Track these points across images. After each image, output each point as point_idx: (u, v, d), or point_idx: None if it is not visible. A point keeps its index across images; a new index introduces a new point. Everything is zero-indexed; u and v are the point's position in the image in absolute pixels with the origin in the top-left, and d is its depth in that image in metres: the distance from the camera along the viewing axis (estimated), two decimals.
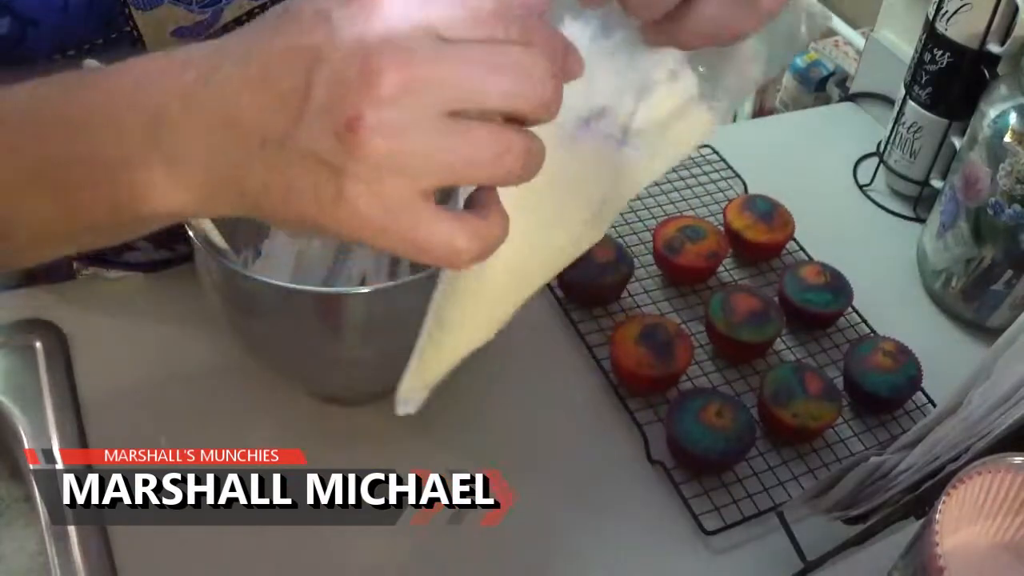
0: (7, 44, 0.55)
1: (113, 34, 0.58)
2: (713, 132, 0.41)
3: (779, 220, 0.78)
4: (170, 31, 0.60)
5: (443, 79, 0.30)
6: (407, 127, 0.30)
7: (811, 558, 0.57)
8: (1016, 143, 0.68)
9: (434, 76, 0.30)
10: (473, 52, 0.31)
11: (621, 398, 0.67)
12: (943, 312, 0.79)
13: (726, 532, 0.60)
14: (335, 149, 0.30)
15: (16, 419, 0.62)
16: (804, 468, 0.65)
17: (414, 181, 0.31)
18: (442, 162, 0.31)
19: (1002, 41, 0.75)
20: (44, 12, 0.55)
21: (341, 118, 0.30)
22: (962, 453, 0.49)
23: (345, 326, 0.56)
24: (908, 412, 0.69)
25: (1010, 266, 0.72)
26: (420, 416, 0.65)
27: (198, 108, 0.32)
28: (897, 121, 0.86)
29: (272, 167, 0.32)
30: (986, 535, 0.48)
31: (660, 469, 0.63)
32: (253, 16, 0.63)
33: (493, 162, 0.31)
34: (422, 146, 0.30)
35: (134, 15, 0.58)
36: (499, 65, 0.31)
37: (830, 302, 0.73)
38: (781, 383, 0.65)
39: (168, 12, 0.59)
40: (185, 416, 0.63)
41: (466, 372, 0.53)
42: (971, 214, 0.73)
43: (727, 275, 0.79)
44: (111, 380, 0.65)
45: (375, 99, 0.30)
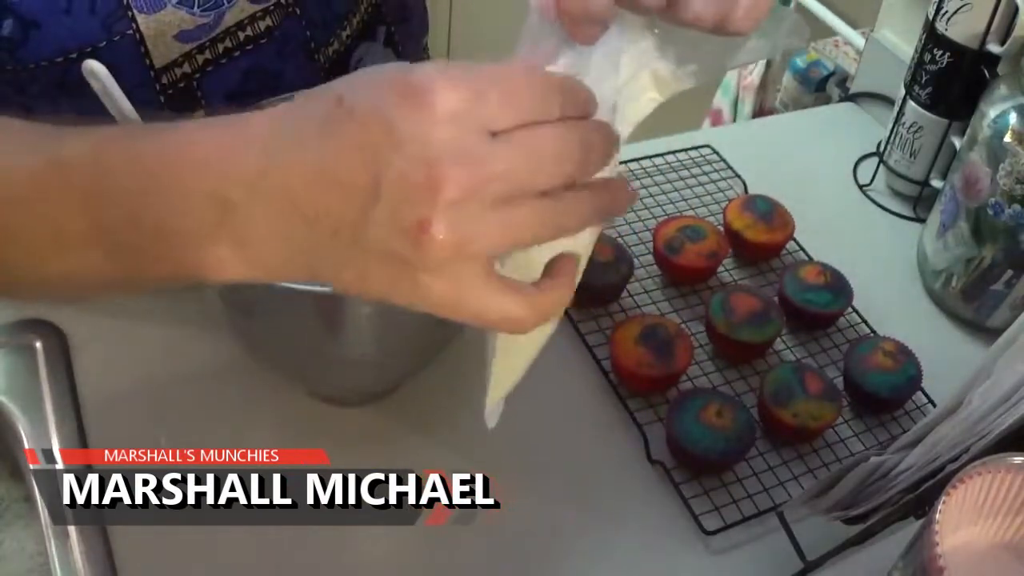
0: (9, 45, 0.55)
1: (116, 37, 0.58)
2: (669, 92, 0.42)
3: (779, 220, 0.78)
4: (172, 35, 0.60)
5: (497, 176, 0.33)
6: (470, 222, 0.33)
7: (811, 558, 0.57)
8: (1016, 143, 0.68)
9: (490, 175, 0.33)
10: (519, 145, 0.34)
11: (621, 398, 0.67)
12: (943, 312, 0.79)
13: (726, 532, 0.60)
14: (406, 247, 0.33)
15: (16, 419, 0.62)
16: (804, 468, 0.65)
17: (478, 263, 0.35)
18: (501, 242, 0.34)
19: (1002, 41, 0.75)
20: (47, 14, 0.55)
21: (411, 220, 0.33)
22: (962, 453, 0.49)
23: (345, 326, 0.56)
24: (908, 412, 0.69)
25: (1010, 266, 0.72)
26: (420, 416, 0.65)
27: (265, 196, 0.34)
28: (897, 121, 0.86)
29: (345, 256, 0.35)
30: (986, 535, 0.48)
31: (660, 469, 0.63)
32: (255, 22, 0.63)
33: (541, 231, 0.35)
34: (484, 234, 0.34)
35: (137, 18, 0.58)
36: (542, 151, 0.34)
37: (830, 302, 0.73)
38: (781, 383, 0.65)
39: (171, 15, 0.59)
40: (185, 416, 0.63)
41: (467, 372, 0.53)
42: (971, 214, 0.73)
43: (727, 275, 0.79)
44: (111, 380, 0.65)
45: (441, 204, 0.32)
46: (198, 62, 0.63)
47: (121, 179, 0.36)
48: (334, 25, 0.69)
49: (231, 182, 0.34)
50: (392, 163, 0.32)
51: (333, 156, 0.33)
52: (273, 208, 0.34)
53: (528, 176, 0.34)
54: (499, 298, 0.35)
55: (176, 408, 0.64)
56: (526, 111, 0.34)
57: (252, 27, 0.64)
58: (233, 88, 0.66)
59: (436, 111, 0.32)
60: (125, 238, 0.37)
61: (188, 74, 0.63)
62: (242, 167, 0.34)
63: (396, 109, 0.33)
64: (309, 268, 0.36)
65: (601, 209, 0.37)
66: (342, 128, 0.33)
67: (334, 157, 0.33)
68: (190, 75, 0.63)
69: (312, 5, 0.66)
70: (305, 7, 0.66)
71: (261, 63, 0.66)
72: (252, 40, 0.64)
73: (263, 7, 0.63)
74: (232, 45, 0.63)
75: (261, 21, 0.64)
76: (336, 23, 0.69)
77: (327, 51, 0.70)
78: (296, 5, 0.65)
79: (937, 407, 0.55)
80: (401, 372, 0.64)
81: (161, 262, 0.37)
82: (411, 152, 0.32)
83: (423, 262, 0.33)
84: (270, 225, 0.34)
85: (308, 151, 0.33)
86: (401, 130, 0.32)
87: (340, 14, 0.70)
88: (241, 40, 0.64)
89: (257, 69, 0.66)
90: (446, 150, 0.32)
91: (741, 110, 1.50)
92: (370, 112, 0.33)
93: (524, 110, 0.34)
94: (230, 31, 0.62)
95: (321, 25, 0.68)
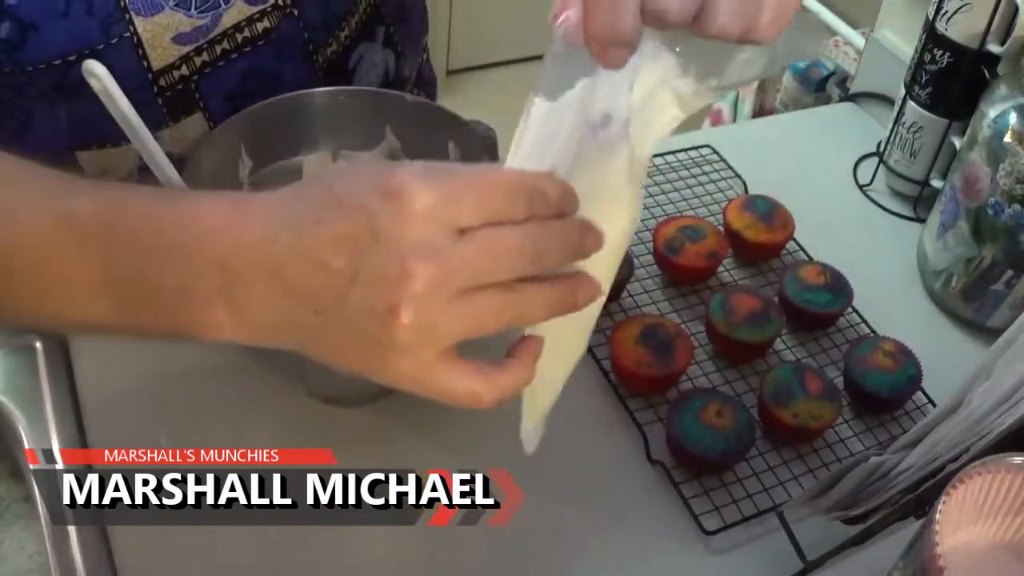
0: (7, 48, 0.55)
1: (113, 39, 0.58)
2: (691, 110, 0.43)
3: (779, 220, 0.78)
4: (170, 37, 0.60)
5: (459, 270, 0.37)
6: (434, 311, 0.37)
7: (811, 558, 0.57)
8: (1016, 143, 0.68)
9: (453, 269, 0.37)
10: (480, 243, 0.37)
11: (621, 398, 0.67)
12: (943, 312, 0.79)
13: (726, 532, 0.60)
14: (378, 328, 0.37)
15: (16, 419, 0.62)
16: (804, 468, 0.65)
17: (442, 344, 0.38)
18: (463, 328, 0.38)
19: (1002, 41, 0.75)
20: (44, 16, 0.55)
21: (383, 305, 0.36)
22: (962, 453, 0.49)
23: None
24: (908, 412, 0.69)
25: (1010, 266, 0.72)
26: (420, 416, 0.65)
27: (261, 270, 0.38)
28: (897, 121, 0.86)
29: (325, 332, 0.39)
30: (986, 535, 0.48)
31: (660, 469, 0.63)
32: (252, 23, 0.63)
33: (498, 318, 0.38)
34: (447, 321, 0.37)
35: (134, 20, 0.58)
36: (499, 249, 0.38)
37: (830, 302, 0.73)
38: (781, 383, 0.65)
39: (168, 18, 0.59)
40: (185, 416, 0.63)
41: None
42: (971, 214, 0.73)
43: (727, 275, 0.79)
44: (111, 380, 0.65)
45: (409, 293, 0.36)
46: (196, 64, 0.63)
47: (136, 239, 0.39)
48: (332, 26, 0.69)
49: (236, 252, 0.38)
50: (371, 253, 0.36)
51: (321, 242, 0.37)
52: (267, 282, 0.38)
53: (486, 271, 0.38)
54: (461, 377, 0.39)
55: (176, 408, 0.64)
56: (492, 212, 0.38)
57: (250, 29, 0.64)
58: (231, 90, 0.66)
59: (412, 210, 0.36)
60: (133, 292, 0.40)
61: (186, 76, 0.63)
62: (247, 240, 0.38)
63: (378, 206, 0.36)
64: (295, 337, 0.40)
65: (558, 303, 0.40)
66: (330, 216, 0.37)
67: (322, 243, 0.37)
68: (188, 77, 0.63)
69: (310, 6, 0.66)
70: (303, 8, 0.66)
71: (259, 65, 0.66)
72: (250, 42, 0.64)
73: (260, 9, 0.63)
74: (230, 47, 0.63)
75: (259, 23, 0.64)
76: (334, 24, 0.69)
77: (325, 52, 0.69)
78: (294, 6, 0.65)
79: (937, 407, 0.55)
80: None
81: (164, 317, 0.40)
82: (387, 246, 0.36)
83: (392, 343, 0.37)
84: (263, 297, 0.38)
85: (302, 235, 0.37)
86: (381, 225, 0.36)
87: (338, 15, 0.69)
88: (239, 42, 0.64)
89: (255, 71, 0.66)
90: (417, 246, 0.36)
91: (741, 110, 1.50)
92: (356, 207, 0.37)
93: (490, 211, 0.38)
94: (228, 33, 0.63)
95: (319, 26, 0.68)
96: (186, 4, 0.59)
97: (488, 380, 0.40)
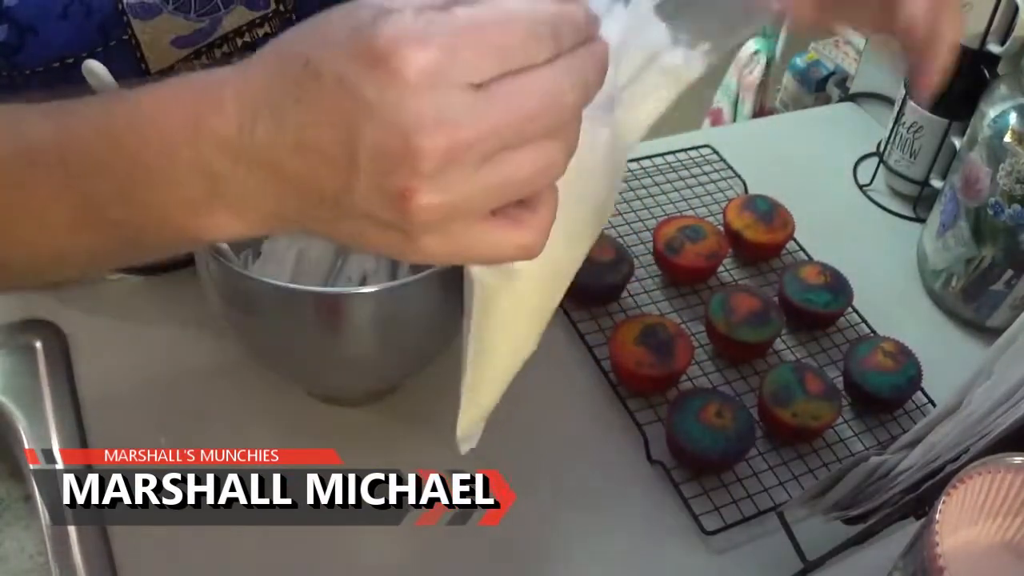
0: (6, 51, 0.55)
1: (112, 42, 0.58)
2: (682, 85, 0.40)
3: (779, 220, 0.78)
4: (169, 40, 0.60)
5: (480, 138, 0.31)
6: (458, 185, 0.32)
7: (811, 558, 0.57)
8: (1016, 143, 0.68)
9: (473, 138, 0.31)
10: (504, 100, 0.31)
11: (621, 398, 0.67)
12: (943, 312, 0.79)
13: (726, 532, 0.60)
14: (394, 214, 0.32)
15: (16, 419, 0.62)
16: (804, 468, 0.65)
17: (471, 217, 0.33)
18: (492, 196, 0.33)
19: (1002, 41, 0.75)
20: (43, 20, 0.55)
21: (393, 189, 0.31)
22: (962, 453, 0.49)
23: (345, 326, 0.56)
24: (908, 412, 0.69)
25: (1010, 266, 0.72)
26: (420, 416, 0.65)
27: (249, 164, 0.33)
28: (897, 121, 0.86)
29: (336, 220, 0.34)
30: (986, 535, 0.48)
31: (660, 469, 0.63)
32: (253, 28, 0.63)
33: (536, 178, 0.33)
34: (472, 193, 0.32)
35: (133, 24, 0.58)
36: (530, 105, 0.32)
37: (830, 302, 0.73)
38: (781, 383, 0.65)
39: (167, 22, 0.59)
40: (185, 416, 0.63)
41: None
42: (971, 214, 0.73)
43: (727, 275, 0.79)
44: (111, 380, 0.65)
45: (422, 173, 0.31)
46: (195, 68, 0.63)
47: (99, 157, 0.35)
48: None
49: (212, 151, 0.33)
50: (365, 133, 0.31)
51: (308, 126, 0.32)
52: (260, 176, 0.33)
53: (516, 133, 0.32)
54: (499, 234, 0.34)
55: (176, 408, 0.64)
56: (509, 59, 0.31)
57: (250, 33, 0.64)
58: None
59: (407, 76, 0.30)
60: (117, 215, 0.35)
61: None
62: (224, 133, 0.33)
63: (363, 77, 0.30)
64: (305, 227, 0.35)
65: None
66: (312, 95, 0.31)
67: (309, 127, 0.32)
68: None
69: (310, 12, 0.66)
70: (303, 14, 0.66)
71: None
72: (250, 47, 0.64)
73: (261, 14, 0.63)
74: (230, 51, 0.63)
75: (259, 28, 0.64)
76: None
77: None
78: (294, 12, 0.65)
79: (937, 407, 0.55)
80: (401, 372, 0.64)
81: (163, 233, 0.36)
82: (384, 120, 0.30)
83: (415, 227, 0.32)
84: (261, 191, 0.33)
85: (286, 119, 0.32)
86: (371, 98, 0.30)
87: None
88: (239, 47, 0.64)
89: None
90: (422, 115, 0.30)
91: (741, 110, 1.50)
92: (337, 81, 0.31)
93: (507, 58, 0.31)
94: (228, 37, 0.62)
95: None
96: (185, 8, 0.59)
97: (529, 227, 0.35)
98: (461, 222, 0.33)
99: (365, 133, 0.31)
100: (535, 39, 0.32)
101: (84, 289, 0.71)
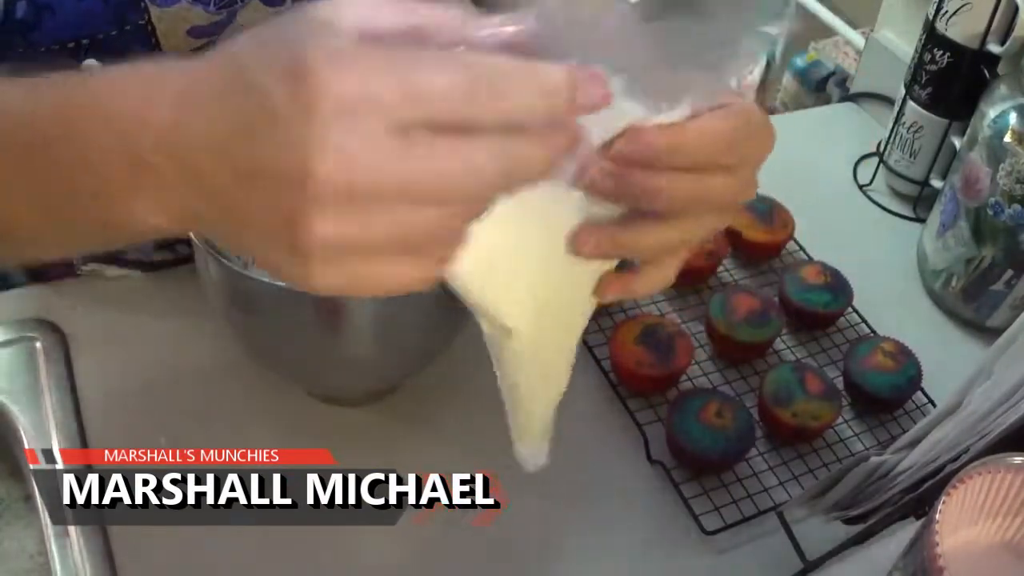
0: (22, 28, 0.55)
1: (127, 27, 0.58)
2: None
3: (779, 220, 0.78)
4: (185, 30, 0.60)
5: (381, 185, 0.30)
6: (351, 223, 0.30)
7: (811, 558, 0.57)
8: (1016, 143, 0.68)
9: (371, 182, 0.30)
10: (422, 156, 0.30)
11: (621, 398, 0.67)
12: (943, 312, 0.79)
13: (726, 532, 0.60)
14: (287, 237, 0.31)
15: (16, 419, 0.62)
16: (804, 468, 0.65)
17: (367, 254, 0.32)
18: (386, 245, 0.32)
19: (1002, 41, 0.75)
20: None
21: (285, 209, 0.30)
22: (962, 453, 0.49)
23: (345, 326, 0.56)
24: (908, 412, 0.69)
25: (1010, 266, 0.72)
26: (420, 416, 0.65)
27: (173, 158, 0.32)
28: (897, 121, 0.86)
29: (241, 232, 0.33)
30: (986, 535, 0.48)
31: (660, 469, 0.63)
32: None
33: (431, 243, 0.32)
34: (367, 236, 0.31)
35: (150, 9, 0.57)
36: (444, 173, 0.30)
37: (830, 302, 0.73)
38: (781, 383, 0.65)
39: (185, 11, 0.59)
40: (185, 416, 0.63)
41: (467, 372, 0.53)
42: (971, 214, 0.73)
43: (727, 275, 0.79)
44: (111, 380, 0.65)
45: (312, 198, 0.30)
46: None
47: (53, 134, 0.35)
48: None
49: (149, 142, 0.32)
50: (267, 145, 0.30)
51: (226, 131, 0.31)
52: (184, 173, 0.32)
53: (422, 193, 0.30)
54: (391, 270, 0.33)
55: (176, 408, 0.64)
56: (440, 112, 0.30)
57: None
58: None
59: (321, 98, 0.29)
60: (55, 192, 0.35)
61: None
62: (155, 123, 0.32)
63: (279, 90, 0.29)
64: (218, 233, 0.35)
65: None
66: (235, 100, 0.31)
67: (226, 132, 0.31)
68: None
69: None
70: None
71: None
72: None
73: (277, 10, 0.63)
74: None
75: None
76: None
77: None
78: None
79: (937, 407, 0.55)
80: (401, 372, 0.64)
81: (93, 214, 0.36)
82: (287, 136, 0.29)
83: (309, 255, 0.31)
84: (183, 188, 0.33)
85: (214, 121, 0.31)
86: (280, 112, 0.29)
87: None
88: None
89: None
90: (325, 141, 0.29)
91: None
92: (256, 88, 0.30)
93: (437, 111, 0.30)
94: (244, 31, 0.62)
95: None
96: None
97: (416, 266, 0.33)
98: (357, 260, 0.32)
99: (267, 145, 0.30)
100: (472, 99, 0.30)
101: (85, 288, 0.71)
